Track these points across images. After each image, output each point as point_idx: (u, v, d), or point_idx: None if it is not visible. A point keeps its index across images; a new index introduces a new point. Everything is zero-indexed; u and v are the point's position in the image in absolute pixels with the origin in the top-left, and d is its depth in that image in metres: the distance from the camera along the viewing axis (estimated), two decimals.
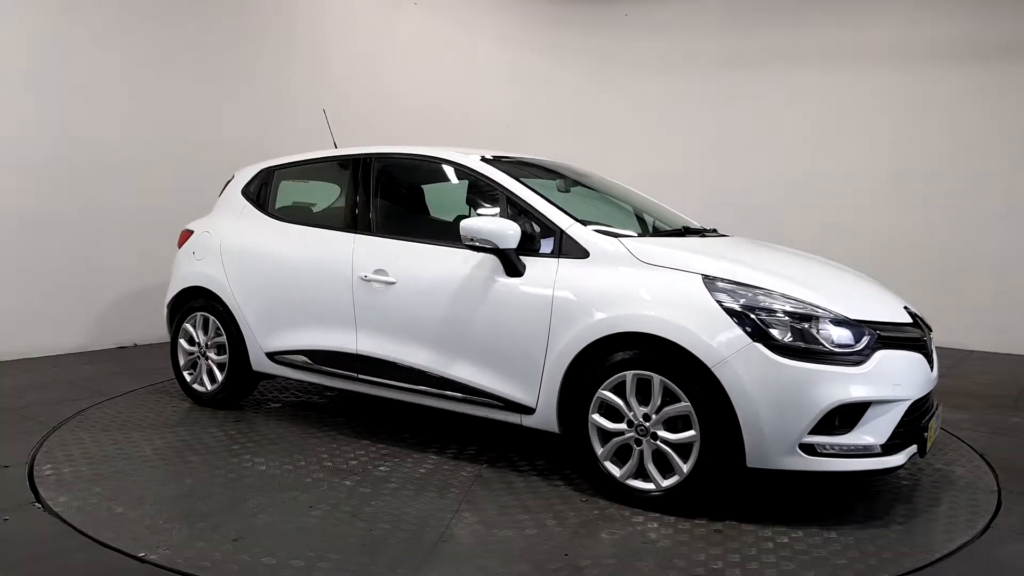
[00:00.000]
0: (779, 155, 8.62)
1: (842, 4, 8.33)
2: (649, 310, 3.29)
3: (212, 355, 4.86)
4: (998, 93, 7.69)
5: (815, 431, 3.08)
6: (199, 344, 4.92)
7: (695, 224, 4.38)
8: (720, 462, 3.17)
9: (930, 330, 3.70)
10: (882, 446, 3.15)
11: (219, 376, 4.84)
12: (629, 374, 3.33)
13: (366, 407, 5.00)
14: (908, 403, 3.22)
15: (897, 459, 3.19)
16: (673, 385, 3.23)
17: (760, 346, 3.09)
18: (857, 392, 3.09)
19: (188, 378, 5.01)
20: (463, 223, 3.67)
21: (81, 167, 6.45)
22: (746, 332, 3.12)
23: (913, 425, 3.29)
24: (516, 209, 3.82)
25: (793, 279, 3.37)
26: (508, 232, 3.60)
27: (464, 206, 4.36)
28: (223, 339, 4.79)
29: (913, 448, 3.28)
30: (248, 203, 4.93)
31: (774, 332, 3.12)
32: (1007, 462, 4.10)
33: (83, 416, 4.67)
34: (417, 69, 8.84)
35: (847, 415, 3.11)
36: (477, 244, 3.66)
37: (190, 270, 4.96)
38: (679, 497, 3.27)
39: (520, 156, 4.52)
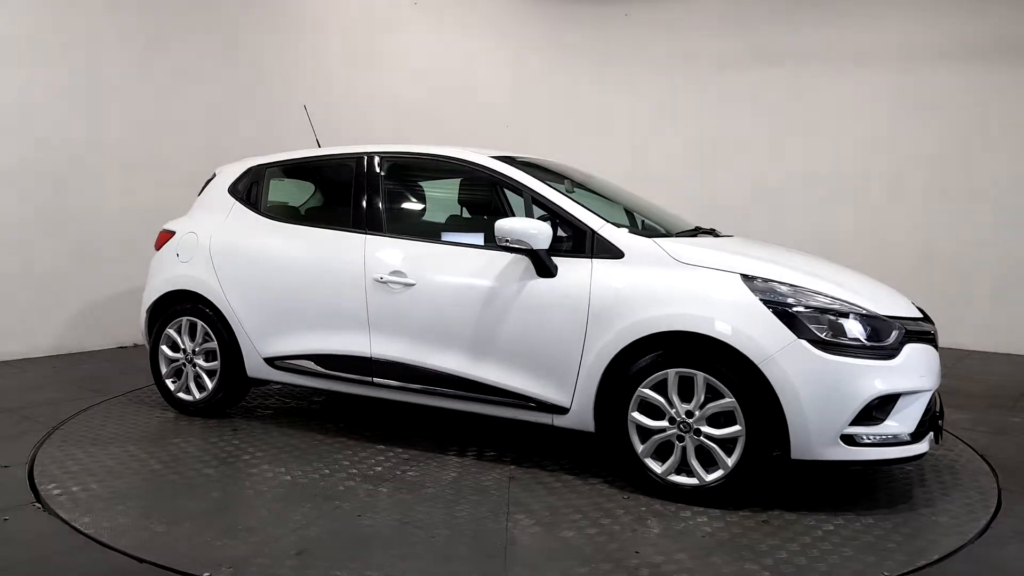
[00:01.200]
0: (779, 155, 8.61)
1: (842, 5, 8.29)
2: (693, 309, 3.37)
3: (200, 362, 4.64)
4: (998, 93, 7.67)
5: (855, 422, 3.23)
6: (185, 351, 4.68)
7: (704, 226, 4.48)
8: (765, 455, 3.28)
9: (934, 324, 3.94)
10: (910, 434, 3.34)
11: (209, 384, 4.63)
12: (671, 372, 3.40)
13: (362, 411, 4.89)
14: (931, 393, 3.43)
15: (923, 446, 3.39)
16: (717, 382, 3.32)
17: (804, 342, 3.22)
18: (892, 384, 3.27)
19: (172, 386, 4.76)
20: (498, 224, 3.65)
21: (82, 167, 6.46)
22: (790, 329, 3.24)
23: (930, 414, 3.50)
24: (543, 210, 3.83)
25: (822, 277, 3.52)
26: (542, 233, 3.61)
27: (481, 207, 4.33)
28: (213, 345, 4.58)
29: (930, 435, 3.49)
30: (237, 202, 4.73)
31: (815, 329, 3.26)
32: (1007, 462, 4.11)
33: (83, 417, 4.60)
34: (417, 69, 8.88)
35: (881, 406, 3.28)
36: (511, 245, 3.65)
37: (174, 273, 4.72)
38: (721, 491, 3.36)
39: (525, 157, 4.52)
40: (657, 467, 3.47)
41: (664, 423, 3.44)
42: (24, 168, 6.12)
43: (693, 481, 3.41)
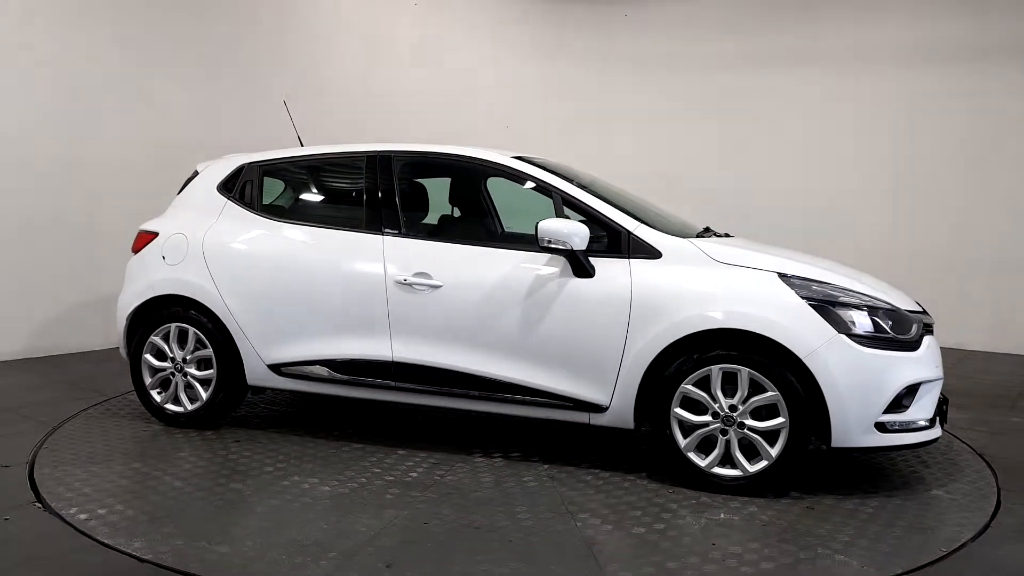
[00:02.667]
0: (779, 155, 8.61)
1: (842, 5, 8.31)
2: (739, 307, 3.50)
3: (193, 371, 4.38)
4: (997, 94, 7.68)
5: (886, 411, 3.46)
6: (174, 359, 4.40)
7: (699, 226, 4.61)
8: (805, 445, 3.45)
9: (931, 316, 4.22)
10: (928, 420, 3.60)
11: (203, 394, 4.37)
12: (715, 368, 3.52)
13: (356, 415, 4.77)
14: (943, 381, 3.71)
15: (937, 431, 3.67)
16: (761, 376, 3.46)
17: (843, 336, 3.42)
18: (918, 374, 3.52)
19: (158, 398, 4.47)
20: (541, 224, 3.66)
21: (82, 167, 6.37)
22: (830, 324, 3.42)
23: (937, 401, 3.78)
24: (575, 212, 3.86)
25: (845, 275, 3.74)
26: (581, 233, 3.64)
27: (505, 208, 4.31)
28: (207, 352, 4.34)
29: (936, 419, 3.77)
30: (230, 201, 4.49)
31: (850, 323, 3.45)
32: (1007, 462, 4.11)
33: (84, 417, 4.57)
34: (417, 69, 8.79)
35: (907, 395, 3.52)
36: (553, 246, 3.66)
37: (160, 277, 4.43)
38: (763, 481, 3.51)
39: (539, 159, 4.52)
40: (700, 460, 3.58)
41: (707, 417, 3.56)
42: (25, 168, 6.05)
43: (735, 472, 3.55)
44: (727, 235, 4.39)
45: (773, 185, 8.62)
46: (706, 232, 4.37)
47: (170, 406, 4.45)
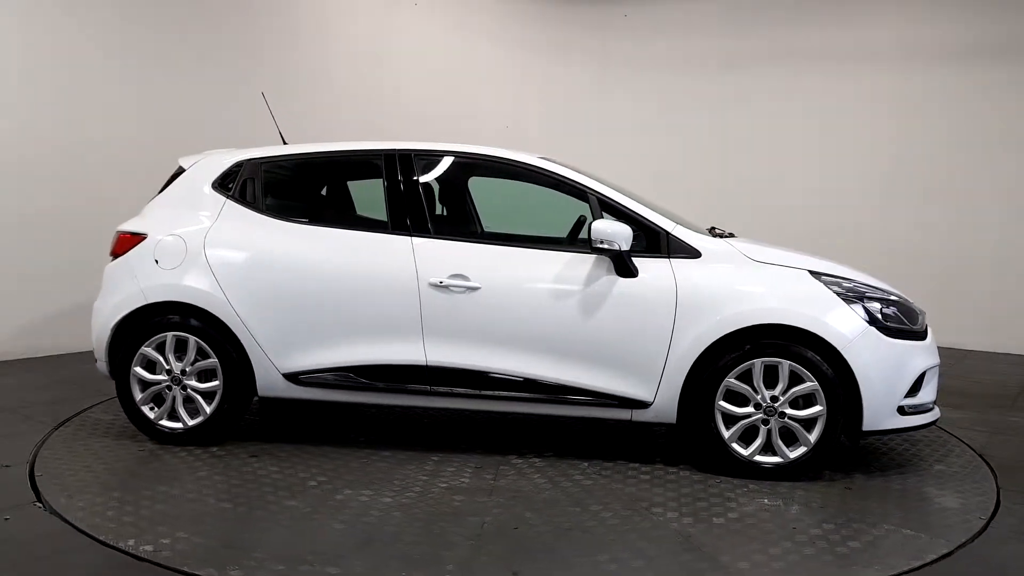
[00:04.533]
0: (778, 155, 8.66)
1: (842, 5, 8.39)
2: (782, 303, 3.72)
3: (194, 383, 4.06)
4: (997, 94, 7.75)
5: (906, 395, 3.79)
6: (171, 371, 4.06)
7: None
8: (839, 432, 3.72)
9: None
10: (932, 403, 3.98)
11: (206, 407, 4.07)
12: (758, 362, 3.72)
13: (360, 420, 4.61)
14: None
15: (937, 411, 4.05)
16: (801, 368, 3.70)
17: (873, 328, 3.71)
18: (930, 360, 3.88)
19: (151, 415, 4.11)
20: (595, 225, 3.71)
21: (82, 167, 6.34)
22: (862, 318, 3.71)
23: None
24: (612, 213, 3.93)
25: (859, 271, 4.05)
26: (627, 234, 3.73)
27: (537, 209, 4.30)
28: (211, 362, 4.04)
29: None
30: (229, 200, 4.19)
31: (877, 315, 3.76)
32: (1006, 462, 4.15)
33: (84, 417, 4.55)
34: (417, 69, 8.76)
35: (919, 380, 3.88)
36: (603, 246, 3.71)
37: (155, 283, 4.06)
38: (799, 466, 3.75)
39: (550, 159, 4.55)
40: (743, 450, 3.77)
41: (750, 409, 3.75)
42: (25, 168, 6.02)
43: (776, 459, 3.77)
44: (731, 235, 4.61)
45: (773, 185, 8.69)
46: (711, 231, 4.58)
47: (166, 422, 4.10)
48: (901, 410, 3.80)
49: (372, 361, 3.96)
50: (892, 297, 3.90)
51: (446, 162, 4.26)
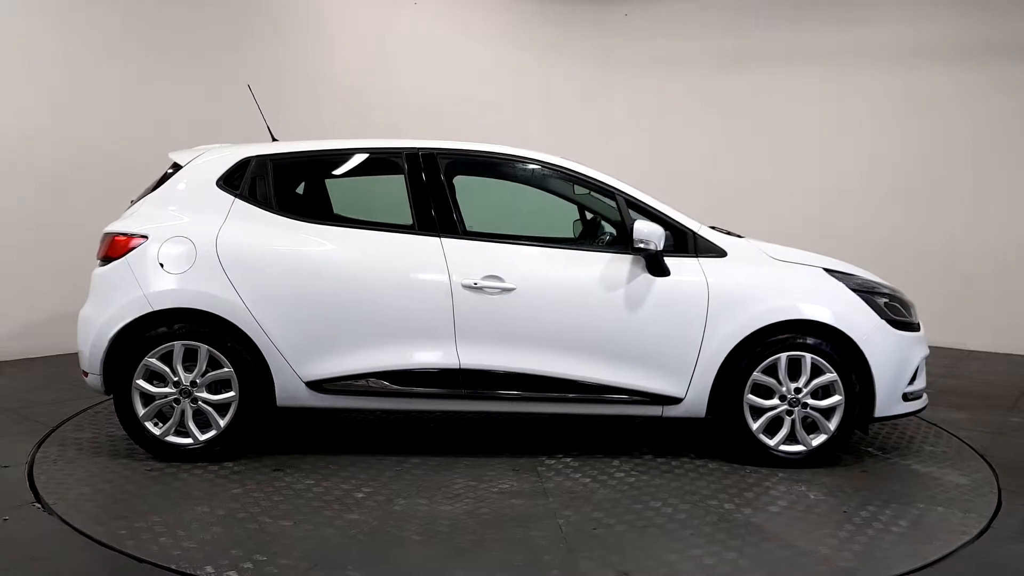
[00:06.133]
0: (779, 155, 8.60)
1: (842, 5, 8.32)
2: (807, 299, 3.91)
3: (206, 395, 3.80)
4: (997, 94, 7.68)
5: (908, 383, 4.09)
6: (179, 383, 3.78)
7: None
8: (853, 420, 3.97)
9: None
10: (924, 390, 4.31)
11: (220, 420, 3.81)
12: (783, 356, 3.91)
13: (356, 425, 4.45)
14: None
15: (927, 398, 4.38)
16: (822, 360, 3.91)
17: (884, 321, 3.98)
18: (925, 350, 4.20)
19: (156, 431, 3.80)
20: (637, 225, 3.77)
21: (83, 168, 6.33)
22: (875, 312, 3.97)
23: None
24: (639, 213, 4.00)
25: (861, 268, 4.32)
26: (662, 234, 3.82)
27: (567, 210, 4.28)
28: (225, 372, 3.79)
29: None
30: (238, 199, 3.93)
31: (886, 309, 4.03)
32: (1007, 462, 4.17)
33: (84, 417, 4.54)
34: (417, 69, 8.69)
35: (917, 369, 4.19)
36: (642, 246, 3.78)
37: (162, 288, 3.75)
38: (822, 453, 3.97)
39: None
40: (769, 440, 3.95)
41: (775, 401, 3.93)
42: (25, 169, 6.03)
43: (799, 448, 3.97)
44: (739, 235, 4.79)
45: (773, 185, 8.70)
46: (714, 230, 4.74)
47: (172, 438, 3.81)
48: (904, 397, 4.10)
49: (403, 366, 3.84)
50: (892, 292, 4.19)
51: (472, 162, 4.19)
